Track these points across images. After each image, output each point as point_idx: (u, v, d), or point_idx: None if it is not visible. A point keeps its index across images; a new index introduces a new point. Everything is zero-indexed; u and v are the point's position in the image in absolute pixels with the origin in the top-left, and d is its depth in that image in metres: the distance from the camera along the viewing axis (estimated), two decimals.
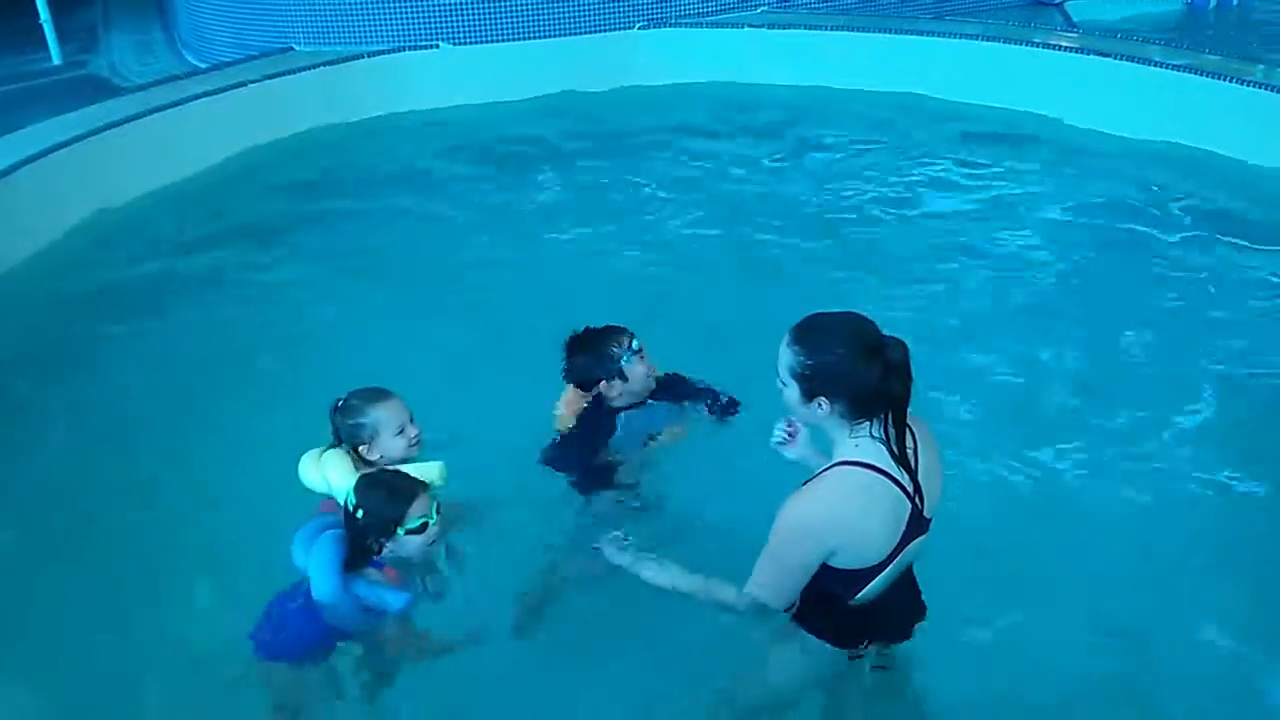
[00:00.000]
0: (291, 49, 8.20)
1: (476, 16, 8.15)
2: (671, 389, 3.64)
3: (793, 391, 2.51)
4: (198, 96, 7.10)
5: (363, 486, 2.89)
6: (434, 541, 2.96)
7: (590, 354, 3.48)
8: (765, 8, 8.86)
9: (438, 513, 2.94)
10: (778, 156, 7.28)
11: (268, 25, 8.33)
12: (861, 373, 2.40)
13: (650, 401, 3.58)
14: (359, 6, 8.08)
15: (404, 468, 3.12)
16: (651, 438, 3.57)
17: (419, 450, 3.25)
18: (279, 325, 5.24)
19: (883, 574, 2.52)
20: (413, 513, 2.87)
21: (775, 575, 2.56)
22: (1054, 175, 6.83)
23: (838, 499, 2.48)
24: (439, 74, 8.11)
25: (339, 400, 3.24)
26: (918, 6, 9.33)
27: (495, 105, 8.12)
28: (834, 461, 2.51)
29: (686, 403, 3.65)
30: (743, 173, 7.04)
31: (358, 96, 7.82)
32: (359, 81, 7.86)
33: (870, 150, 7.28)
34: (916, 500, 2.51)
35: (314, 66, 7.73)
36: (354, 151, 7.50)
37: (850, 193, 6.61)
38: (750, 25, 8.50)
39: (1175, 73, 6.98)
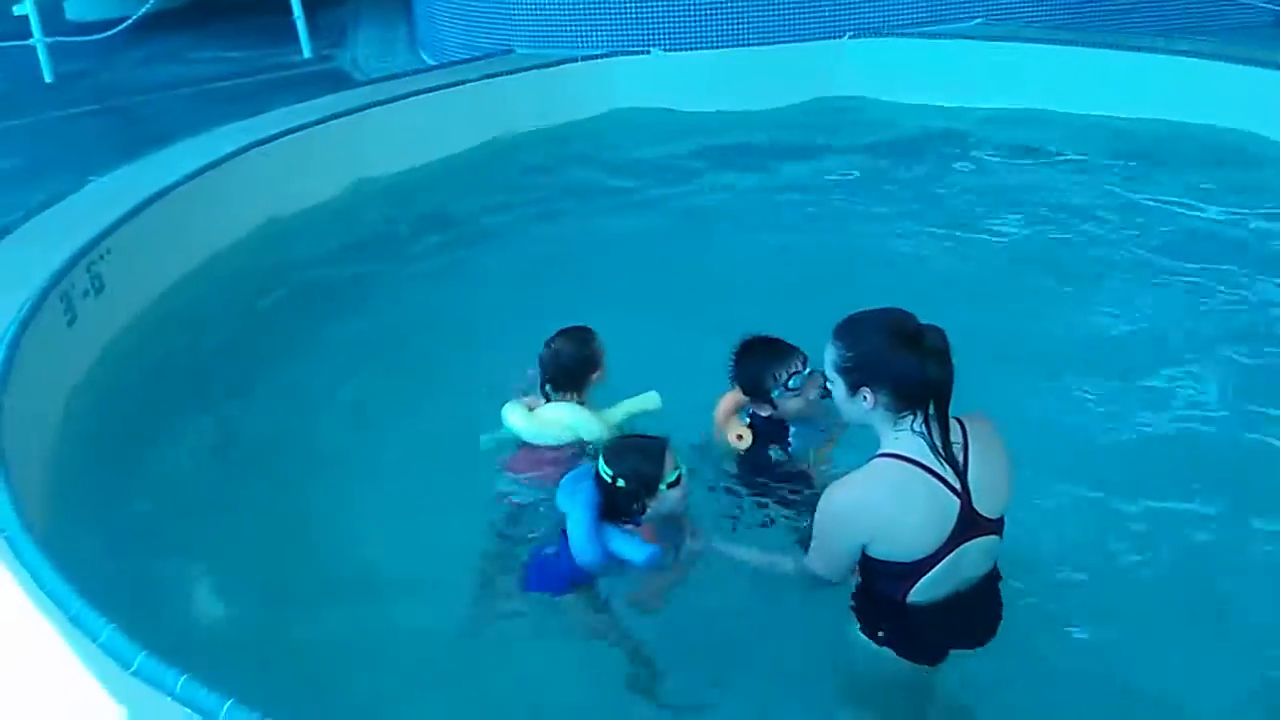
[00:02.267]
0: (512, 50, 8.57)
1: (689, 22, 8.28)
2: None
3: (839, 387, 2.60)
4: (417, 93, 7.50)
5: (612, 456, 3.04)
6: (688, 492, 3.12)
7: (748, 370, 3.48)
8: (981, 20, 8.60)
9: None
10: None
11: (492, 27, 8.73)
12: (900, 359, 2.47)
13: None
14: (576, 11, 8.36)
15: (630, 400, 3.58)
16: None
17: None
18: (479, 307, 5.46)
19: (934, 571, 2.53)
20: (668, 467, 3.03)
21: (821, 555, 2.69)
22: None
23: (867, 489, 2.55)
24: (650, 79, 8.26)
25: (550, 345, 3.61)
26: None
27: (707, 113, 8.18)
28: (876, 453, 2.57)
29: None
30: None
31: (568, 99, 8.04)
32: (570, 84, 8.09)
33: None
34: (964, 496, 2.52)
35: (529, 69, 8.02)
36: (559, 151, 7.70)
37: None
38: (966, 36, 8.26)
39: None
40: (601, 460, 3.05)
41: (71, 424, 4.35)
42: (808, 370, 3.38)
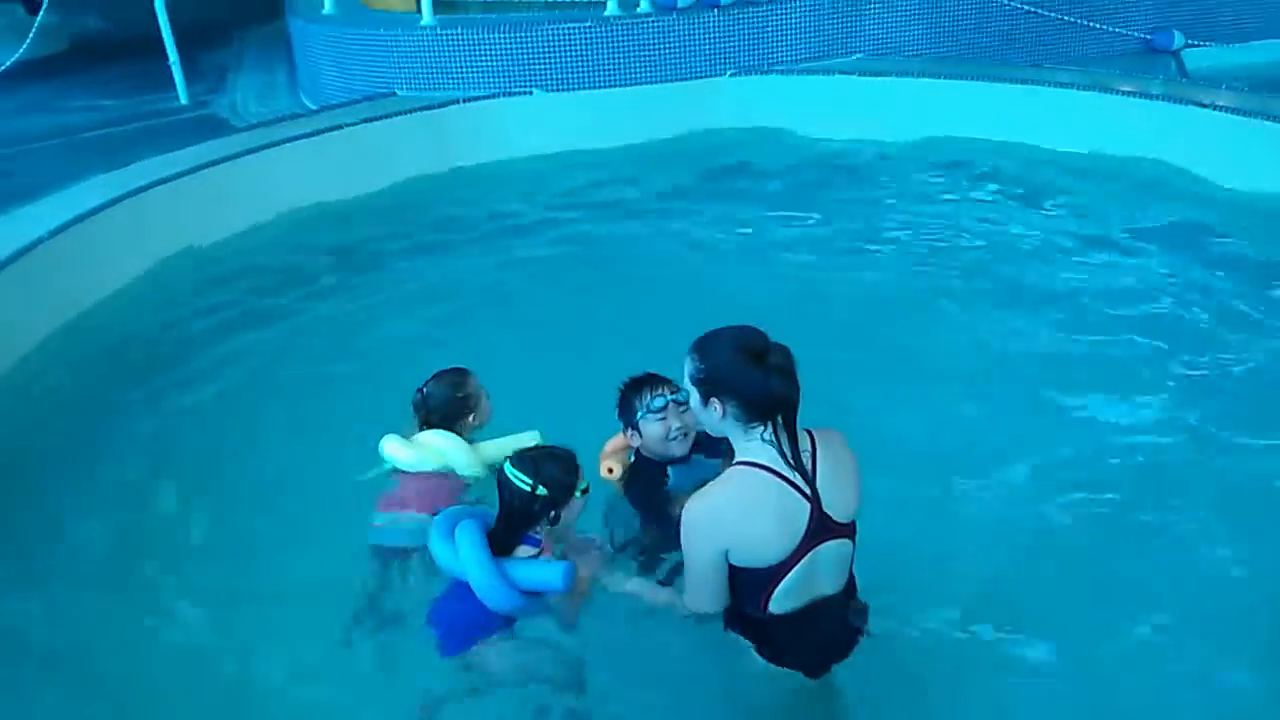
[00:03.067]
0: (394, 93, 8.48)
1: (568, 65, 8.30)
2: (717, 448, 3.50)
3: (694, 397, 2.77)
4: (295, 139, 7.37)
5: (528, 465, 3.06)
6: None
7: (624, 396, 3.50)
8: (861, 55, 8.79)
9: None
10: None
11: (370, 70, 8.62)
12: (746, 374, 2.64)
13: (696, 458, 3.49)
14: (456, 54, 8.30)
15: (496, 441, 3.59)
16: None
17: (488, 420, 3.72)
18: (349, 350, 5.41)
19: (791, 575, 2.68)
20: (580, 474, 3.13)
21: (693, 578, 2.79)
22: None
23: (722, 495, 2.70)
24: (533, 120, 8.25)
25: (422, 388, 3.67)
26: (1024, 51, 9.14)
27: (584, 152, 8.20)
28: (733, 463, 2.73)
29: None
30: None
31: (453, 141, 8.00)
32: (455, 126, 8.05)
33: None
34: (816, 501, 2.68)
35: (411, 111, 7.93)
36: (446, 196, 7.64)
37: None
38: (841, 72, 8.42)
39: None
40: (514, 472, 3.05)
41: None
42: (672, 396, 3.41)
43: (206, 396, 5.08)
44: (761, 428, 2.67)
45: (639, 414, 3.43)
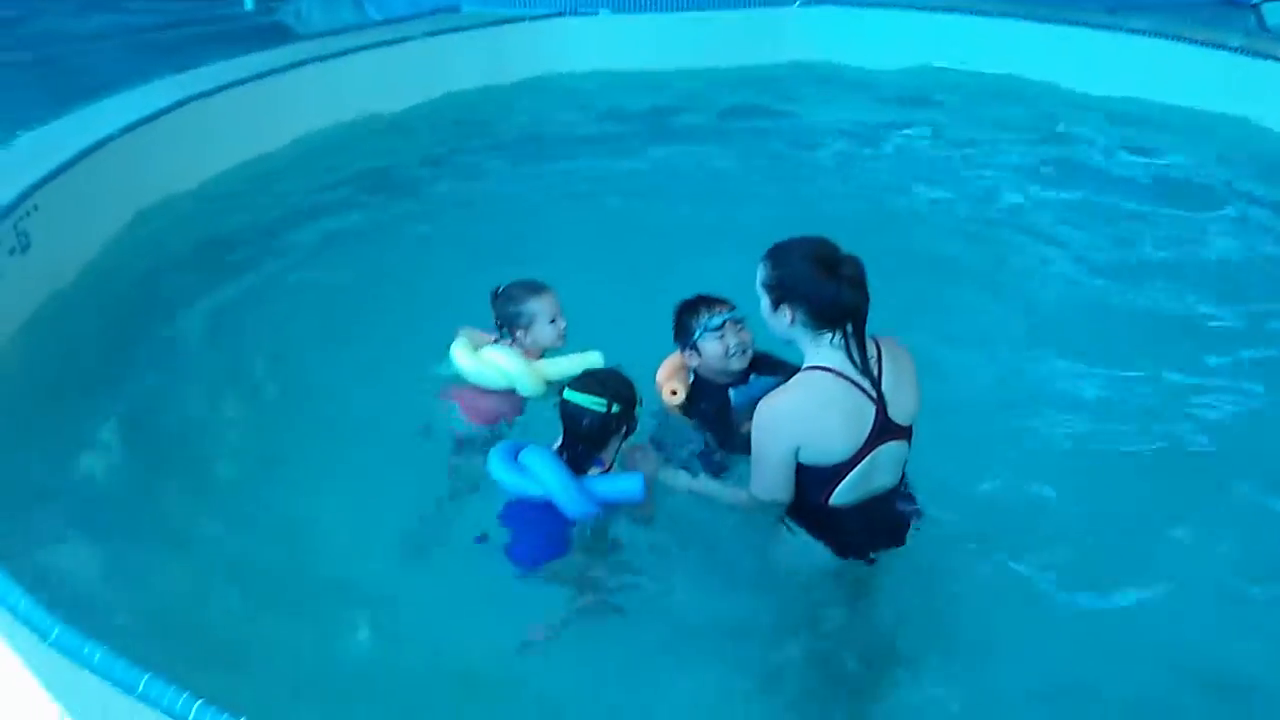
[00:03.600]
0: (458, 8, 8.42)
1: None
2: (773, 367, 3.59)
3: (765, 302, 2.90)
4: (361, 49, 7.35)
5: (594, 386, 3.15)
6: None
7: (679, 319, 3.56)
8: None
9: None
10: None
11: None
12: (818, 284, 2.77)
13: (753, 377, 3.55)
14: None
15: (568, 357, 3.64)
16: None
17: (564, 343, 3.71)
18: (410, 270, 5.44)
19: (854, 473, 2.85)
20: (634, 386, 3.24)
21: (761, 471, 2.93)
22: None
23: (795, 396, 2.84)
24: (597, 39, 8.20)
25: (498, 287, 3.70)
26: None
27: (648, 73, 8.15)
28: (804, 367, 2.87)
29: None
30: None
31: (515, 58, 7.95)
32: (517, 43, 7.99)
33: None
34: (881, 404, 2.83)
35: (475, 26, 7.89)
36: (503, 111, 7.66)
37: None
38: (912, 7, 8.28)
39: None
40: (583, 398, 3.11)
41: None
42: (730, 314, 3.47)
43: (305, 279, 5.28)
44: (830, 334, 2.80)
45: (697, 334, 3.48)
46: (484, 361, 3.66)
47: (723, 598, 3.24)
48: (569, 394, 3.15)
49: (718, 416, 3.52)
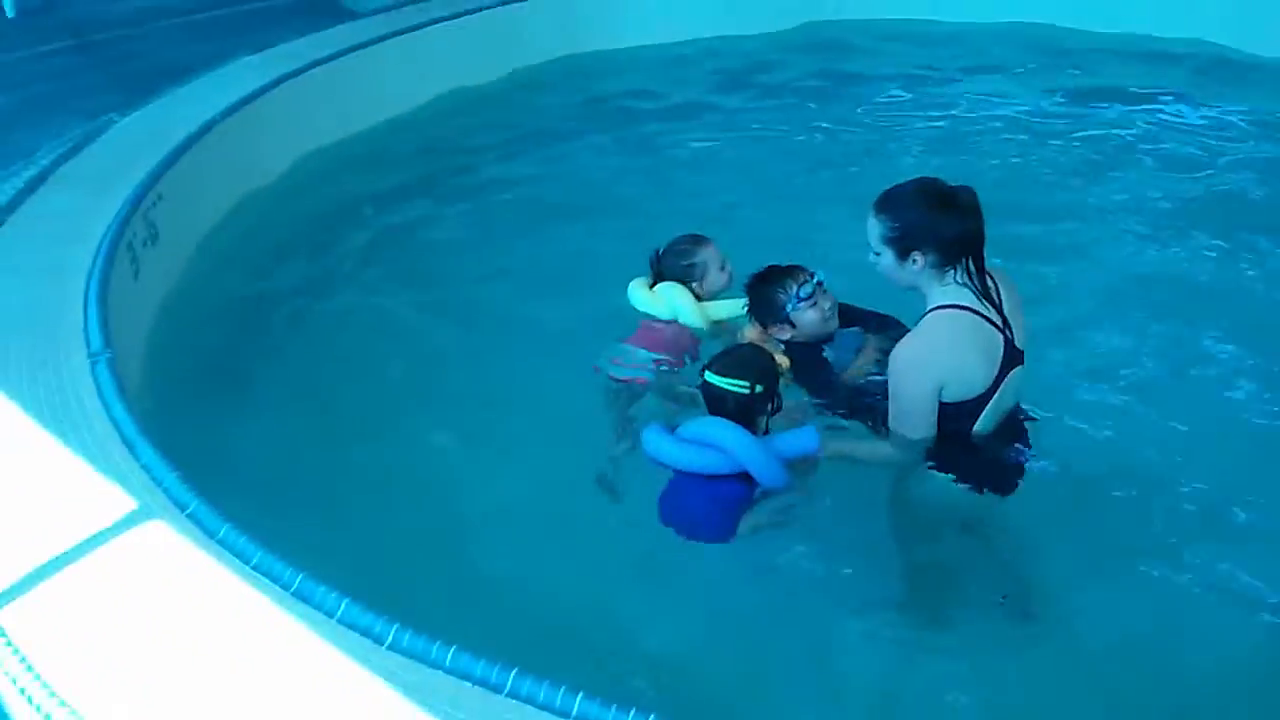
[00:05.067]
0: None
1: None
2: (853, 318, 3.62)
3: (888, 257, 2.93)
4: (438, 21, 7.13)
5: (736, 369, 3.08)
6: None
7: (760, 296, 3.54)
8: None
9: None
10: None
11: None
12: (941, 219, 2.82)
13: (839, 333, 3.58)
14: None
15: (719, 301, 3.83)
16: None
17: (731, 287, 3.86)
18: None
19: (992, 402, 2.92)
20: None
21: (902, 413, 2.97)
22: None
23: (935, 336, 2.89)
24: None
25: (658, 249, 3.89)
26: None
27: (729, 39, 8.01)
28: (928, 310, 2.92)
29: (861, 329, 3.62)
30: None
31: (591, 27, 7.75)
32: (592, 12, 7.78)
33: None
34: (1007, 333, 2.91)
35: None
36: (583, 81, 7.46)
37: None
38: None
39: None
40: (725, 381, 3.06)
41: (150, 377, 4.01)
42: (815, 280, 3.50)
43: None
44: (953, 271, 2.87)
45: (789, 306, 3.50)
46: (655, 293, 3.85)
47: (869, 537, 3.22)
48: (710, 376, 3.09)
49: (828, 381, 3.48)
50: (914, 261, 2.87)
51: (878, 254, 2.95)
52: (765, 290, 3.55)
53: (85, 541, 2.61)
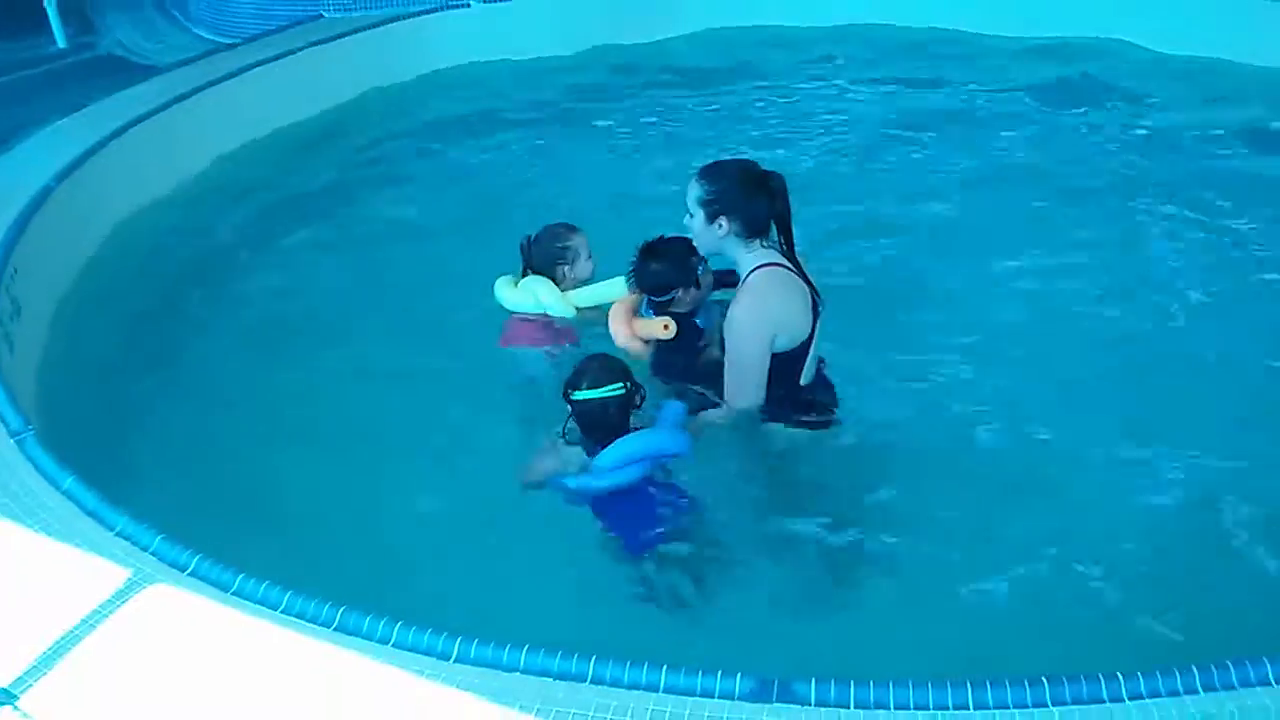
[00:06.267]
0: (321, 16, 8.05)
1: None
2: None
3: (699, 219, 3.26)
4: (249, 67, 6.90)
5: (602, 373, 3.20)
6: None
7: (668, 262, 3.60)
8: None
9: None
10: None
11: None
12: (751, 195, 3.21)
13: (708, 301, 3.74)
14: None
15: (595, 284, 3.91)
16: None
17: (593, 276, 3.98)
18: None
19: (810, 348, 3.29)
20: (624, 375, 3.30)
21: (739, 376, 3.27)
22: None
23: (765, 292, 3.20)
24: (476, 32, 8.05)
25: (528, 236, 3.98)
26: None
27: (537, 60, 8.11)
28: (746, 272, 3.24)
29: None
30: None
31: (403, 58, 7.71)
32: (402, 43, 7.75)
33: None
34: (811, 286, 3.27)
35: (357, 31, 7.58)
36: (409, 111, 7.43)
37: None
38: None
39: None
40: (600, 390, 3.18)
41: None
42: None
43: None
44: (758, 240, 3.24)
45: (700, 269, 3.62)
46: (522, 289, 3.93)
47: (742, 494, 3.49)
48: (580, 395, 3.19)
49: (692, 365, 3.64)
50: (719, 226, 3.22)
51: (691, 215, 3.29)
52: (673, 256, 3.59)
53: (88, 617, 2.48)
